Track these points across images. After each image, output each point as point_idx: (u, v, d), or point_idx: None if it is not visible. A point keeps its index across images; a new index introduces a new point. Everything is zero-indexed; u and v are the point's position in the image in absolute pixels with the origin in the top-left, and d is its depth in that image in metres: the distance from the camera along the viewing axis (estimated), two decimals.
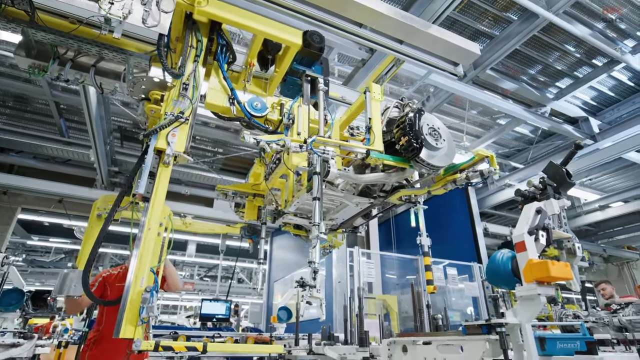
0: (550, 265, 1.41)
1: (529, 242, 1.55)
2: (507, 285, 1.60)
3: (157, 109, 2.59)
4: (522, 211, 1.72)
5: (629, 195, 9.30)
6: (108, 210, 3.08)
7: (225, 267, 18.72)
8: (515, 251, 1.60)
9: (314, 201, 2.15)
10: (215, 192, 3.43)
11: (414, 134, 2.20)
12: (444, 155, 2.29)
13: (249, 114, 2.81)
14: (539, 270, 1.44)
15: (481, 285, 7.19)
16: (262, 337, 5.39)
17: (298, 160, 2.37)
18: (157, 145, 2.39)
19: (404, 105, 2.57)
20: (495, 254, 1.66)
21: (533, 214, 1.65)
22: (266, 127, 2.89)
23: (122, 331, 2.06)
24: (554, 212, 1.68)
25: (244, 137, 2.27)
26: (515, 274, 1.55)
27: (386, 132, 2.53)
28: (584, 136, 6.68)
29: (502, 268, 1.59)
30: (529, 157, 8.34)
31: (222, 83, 2.89)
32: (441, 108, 6.83)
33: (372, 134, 2.35)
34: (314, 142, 2.23)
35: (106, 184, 7.96)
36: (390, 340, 2.13)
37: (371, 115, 2.43)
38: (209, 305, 9.08)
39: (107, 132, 6.85)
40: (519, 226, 1.63)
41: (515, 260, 1.57)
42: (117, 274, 3.50)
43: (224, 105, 2.83)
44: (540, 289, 1.45)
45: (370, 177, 2.45)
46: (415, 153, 2.20)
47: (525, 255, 1.53)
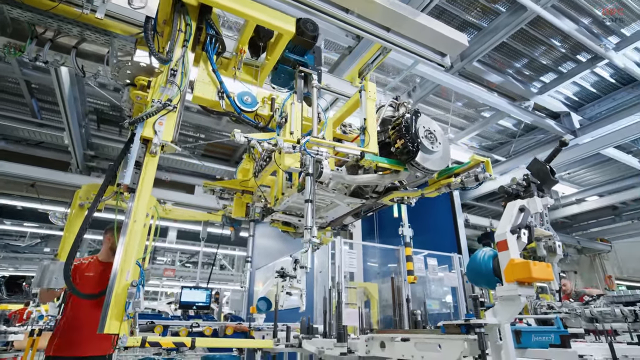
0: (532, 266, 1.39)
1: (511, 241, 1.52)
2: (487, 284, 1.57)
3: (143, 95, 2.46)
4: (505, 209, 1.69)
5: (604, 189, 9.58)
6: (91, 200, 2.95)
7: (207, 253, 18.56)
8: (496, 249, 1.57)
9: (306, 203, 2.08)
10: (202, 188, 3.34)
11: (410, 137, 2.15)
12: (439, 159, 2.26)
13: (239, 108, 2.71)
14: (520, 271, 1.41)
15: (460, 275, 7.31)
16: (241, 326, 5.35)
17: (291, 161, 2.29)
18: (143, 133, 2.30)
19: (399, 105, 2.50)
20: (477, 253, 1.63)
21: (516, 212, 1.62)
22: (256, 123, 2.80)
23: (107, 326, 2.00)
24: (537, 210, 1.66)
25: (234, 135, 2.17)
26: (496, 274, 1.52)
27: (380, 131, 2.47)
28: (565, 131, 6.78)
29: (483, 267, 1.56)
30: (511, 150, 8.44)
31: (211, 75, 2.77)
32: (427, 99, 6.80)
33: (367, 135, 2.28)
34: (307, 142, 2.15)
35: (82, 168, 7.67)
36: (369, 337, 2.10)
37: (366, 116, 2.36)
38: (189, 293, 8.98)
39: (82, 114, 6.56)
40: (502, 224, 1.60)
41: (496, 259, 1.54)
42: (87, 263, 3.38)
43: (213, 99, 2.71)
44: (521, 289, 1.42)
45: (363, 178, 2.39)
46: (411, 157, 2.16)
47: (507, 255, 1.50)
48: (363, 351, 2.07)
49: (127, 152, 2.49)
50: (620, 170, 9.12)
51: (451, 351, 1.58)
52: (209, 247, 16.90)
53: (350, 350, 2.25)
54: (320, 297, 5.71)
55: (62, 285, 2.48)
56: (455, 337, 1.56)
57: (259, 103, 2.79)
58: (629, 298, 4.96)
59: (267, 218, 3.05)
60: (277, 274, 4.67)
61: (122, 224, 2.22)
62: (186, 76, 2.55)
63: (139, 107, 2.61)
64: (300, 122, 2.46)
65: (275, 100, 2.82)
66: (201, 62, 2.79)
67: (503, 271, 1.49)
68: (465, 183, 2.23)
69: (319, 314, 5.56)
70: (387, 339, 1.95)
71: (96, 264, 3.40)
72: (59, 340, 3.11)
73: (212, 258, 19.16)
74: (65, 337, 3.12)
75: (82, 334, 3.13)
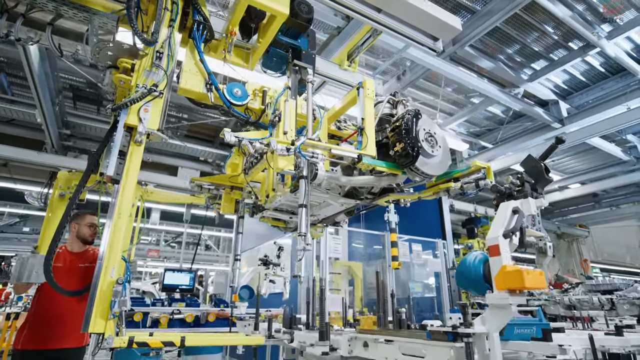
0: (525, 274, 1.31)
1: (504, 246, 1.44)
2: (477, 290, 1.50)
3: (126, 79, 2.29)
4: (498, 210, 1.60)
5: (586, 177, 9.72)
6: (72, 190, 2.86)
7: (192, 234, 18.40)
8: (487, 254, 1.49)
9: (299, 208, 1.97)
10: (190, 184, 3.19)
11: (410, 140, 2.04)
12: (439, 163, 2.16)
13: (228, 102, 2.54)
14: (512, 280, 1.33)
15: (444, 261, 7.39)
16: (223, 313, 5.30)
17: (284, 163, 2.16)
18: (127, 121, 2.16)
19: (397, 102, 2.37)
20: (467, 256, 1.55)
21: (509, 215, 1.53)
22: (247, 117, 2.65)
23: (92, 325, 1.89)
24: (531, 212, 1.58)
25: (224, 135, 2.03)
26: (486, 280, 1.45)
27: (377, 131, 2.35)
28: (552, 119, 6.76)
29: (473, 272, 1.49)
30: (498, 137, 8.43)
31: (199, 65, 2.58)
32: (417, 83, 6.65)
33: (365, 137, 2.16)
34: (302, 144, 2.04)
35: (57, 147, 7.32)
36: (352, 336, 2.03)
37: (364, 115, 2.23)
38: (172, 276, 8.86)
39: (55, 91, 6.19)
40: (494, 227, 1.52)
41: (487, 265, 1.46)
42: (56, 253, 3.21)
43: (200, 91, 2.54)
44: (512, 298, 1.35)
45: (359, 179, 2.28)
46: (411, 161, 2.06)
47: (498, 261, 1.42)
48: (346, 351, 2.00)
49: (110, 140, 2.35)
50: (603, 158, 9.24)
51: (436, 358, 1.52)
52: (194, 229, 16.76)
53: (333, 347, 2.19)
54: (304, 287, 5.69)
55: (42, 279, 2.35)
56: (442, 344, 1.49)
57: (249, 96, 2.63)
58: (607, 287, 5.08)
59: (258, 215, 2.93)
60: (259, 262, 4.59)
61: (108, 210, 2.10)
62: (173, 59, 2.38)
63: (122, 91, 2.44)
64: (294, 120, 2.31)
65: (267, 92, 2.68)
66: (187, 50, 2.60)
67: (494, 278, 1.41)
68: (466, 189, 2.15)
69: (303, 300, 5.55)
70: (370, 340, 1.89)
71: (65, 254, 3.23)
72: (29, 332, 2.96)
73: (197, 238, 19.01)
74: (36, 329, 2.97)
75: (55, 326, 2.99)
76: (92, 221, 3.30)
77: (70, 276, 3.10)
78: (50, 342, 2.97)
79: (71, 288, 3.06)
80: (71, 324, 3.03)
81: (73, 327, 3.04)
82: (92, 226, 3.29)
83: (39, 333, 2.96)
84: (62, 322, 3.01)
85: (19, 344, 2.93)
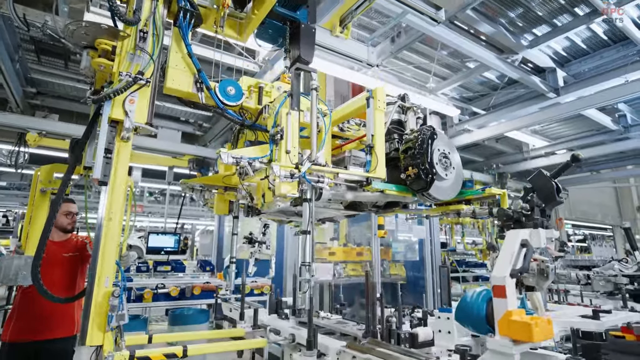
0: (534, 327, 1.20)
1: (510, 287, 1.32)
2: (477, 330, 1.41)
3: (107, 64, 2.02)
4: (505, 239, 1.47)
5: (574, 144, 9.73)
6: (54, 186, 2.70)
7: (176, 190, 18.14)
8: (492, 293, 1.38)
9: (303, 235, 1.84)
10: (181, 186, 2.97)
11: (425, 167, 1.87)
12: (451, 186, 2.01)
13: (222, 102, 2.27)
14: (518, 331, 1.23)
15: (428, 228, 7.48)
16: (208, 285, 5.30)
17: (287, 189, 1.95)
18: (112, 115, 1.93)
19: (407, 109, 2.12)
20: (468, 293, 1.43)
21: (517, 249, 1.40)
22: (242, 120, 2.39)
23: (89, 338, 1.80)
24: (540, 245, 1.45)
25: (220, 155, 1.85)
26: (489, 321, 1.35)
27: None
28: (548, 89, 6.54)
29: (475, 311, 1.38)
30: (490, 102, 8.21)
31: (187, 60, 2.26)
32: (412, 46, 6.25)
33: (374, 157, 1.96)
34: (308, 168, 1.88)
35: (22, 107, 6.77)
36: (340, 350, 1.97)
37: (374, 132, 2.01)
38: (156, 239, 8.78)
39: (14, 45, 5.56)
40: (501, 263, 1.39)
41: (491, 305, 1.35)
42: None
43: (189, 90, 2.25)
44: (517, 347, 1.26)
45: (366, 195, 2.12)
46: (424, 188, 1.91)
47: (503, 304, 1.32)
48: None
49: (92, 130, 2.17)
50: (590, 125, 9.20)
51: None
52: (178, 186, 16.46)
53: (321, 353, 2.14)
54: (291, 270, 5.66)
55: (30, 282, 2.18)
56: None
57: (244, 94, 2.36)
58: (585, 262, 5.24)
59: (254, 217, 2.75)
60: (244, 240, 4.48)
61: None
62: (159, 40, 2.08)
63: (103, 76, 2.17)
64: (297, 137, 2.06)
65: (264, 89, 2.39)
66: (173, 41, 2.24)
67: (497, 322, 1.31)
68: (478, 215, 2.01)
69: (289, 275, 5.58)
70: (359, 356, 1.82)
71: (47, 245, 3.05)
72: (16, 324, 2.85)
73: (182, 194, 18.80)
74: (23, 321, 2.85)
75: (42, 317, 2.88)
76: (69, 209, 3.09)
77: (54, 267, 2.95)
78: (39, 333, 2.87)
79: (56, 279, 2.94)
80: (59, 314, 2.93)
81: (61, 317, 2.95)
82: (69, 214, 3.10)
83: (27, 325, 2.85)
84: (49, 313, 2.90)
85: (6, 337, 2.82)
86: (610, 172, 11.96)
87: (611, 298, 4.59)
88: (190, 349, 2.13)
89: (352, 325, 2.81)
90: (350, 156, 2.21)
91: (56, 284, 2.92)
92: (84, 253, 3.13)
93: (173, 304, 4.88)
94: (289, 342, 2.45)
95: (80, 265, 3.15)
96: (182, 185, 2.86)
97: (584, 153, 9.76)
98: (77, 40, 2.10)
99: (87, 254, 3.10)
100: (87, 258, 3.09)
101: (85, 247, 3.13)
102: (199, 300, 5.11)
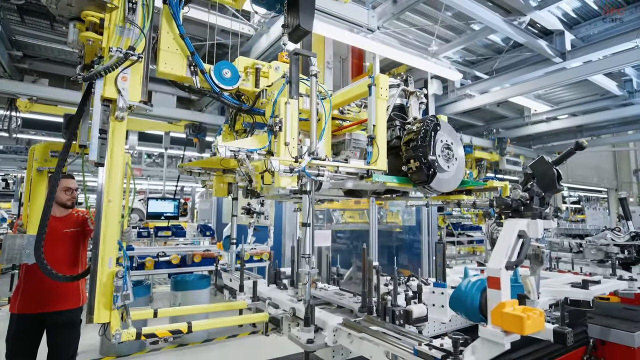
0: (526, 321, 1.23)
1: (505, 279, 1.34)
2: (470, 318, 1.44)
3: (96, 38, 1.95)
4: (502, 230, 1.47)
5: (576, 109, 9.56)
6: (50, 165, 2.70)
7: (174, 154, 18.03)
8: (486, 283, 1.40)
9: (303, 227, 1.84)
10: (178, 169, 2.92)
11: (427, 160, 1.85)
12: (452, 178, 1.99)
13: (217, 87, 2.20)
14: (510, 324, 1.27)
15: None
16: (208, 253, 5.40)
17: (287, 182, 1.92)
18: (104, 94, 1.89)
19: (410, 94, 2.02)
20: (463, 281, 1.45)
21: (514, 240, 1.40)
22: (240, 104, 2.32)
23: (96, 317, 1.90)
24: (537, 236, 1.45)
25: (218, 149, 1.82)
26: (482, 311, 1.38)
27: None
28: (555, 53, 6.31)
29: (469, 301, 1.41)
30: (494, 66, 7.96)
31: (179, 42, 2.15)
32: (415, 7, 5.94)
33: (376, 148, 1.91)
34: (308, 162, 1.85)
35: (10, 71, 6.53)
36: (337, 327, 2.05)
37: (375, 122, 1.95)
38: (156, 204, 8.87)
39: None
40: (497, 254, 1.40)
41: (485, 295, 1.38)
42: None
43: (183, 74, 2.17)
44: (507, 337, 1.29)
45: (365, 184, 2.10)
46: (426, 182, 1.89)
47: (497, 295, 1.34)
48: (331, 341, 2.03)
49: (85, 107, 2.16)
50: (595, 90, 9.00)
51: None
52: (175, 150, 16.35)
53: (318, 327, 2.22)
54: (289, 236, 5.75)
55: (34, 260, 2.23)
56: None
57: (241, 76, 2.27)
58: (578, 231, 5.33)
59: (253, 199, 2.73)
60: (242, 210, 4.51)
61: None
62: (149, 11, 1.98)
63: (92, 50, 2.09)
64: (296, 127, 1.99)
65: (261, 70, 2.30)
66: (164, 20, 2.12)
67: (490, 311, 1.34)
68: (478, 206, 1.99)
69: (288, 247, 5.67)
70: (356, 338, 1.89)
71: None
72: (23, 297, 2.94)
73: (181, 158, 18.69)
74: (30, 293, 2.94)
75: (48, 290, 2.95)
76: (68, 185, 3.07)
77: (57, 243, 2.98)
78: (45, 306, 2.96)
79: (59, 255, 2.98)
80: (63, 288, 3.00)
81: (65, 291, 3.02)
82: (68, 190, 3.08)
83: (33, 298, 2.93)
84: (53, 287, 2.97)
85: (14, 308, 2.91)
86: (610, 137, 11.87)
87: (601, 265, 4.71)
88: (194, 324, 2.21)
89: (348, 297, 2.89)
90: (350, 139, 2.17)
91: (59, 259, 2.97)
92: (85, 228, 3.16)
93: (174, 271, 5.01)
94: (289, 315, 2.53)
95: (82, 239, 3.18)
96: (180, 169, 2.83)
97: (587, 119, 9.65)
98: (62, 11, 2.01)
99: (88, 229, 3.12)
100: (89, 233, 3.12)
101: (86, 222, 3.14)
102: (199, 267, 5.25)
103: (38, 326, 2.98)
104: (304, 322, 2.18)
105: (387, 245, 8.45)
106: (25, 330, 2.91)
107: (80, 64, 2.25)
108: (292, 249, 3.48)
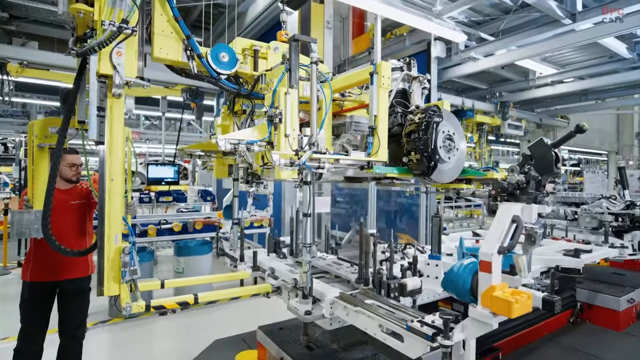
0: (514, 304, 1.28)
1: (496, 264, 1.38)
2: (461, 298, 1.50)
3: (87, 10, 1.89)
4: (497, 214, 1.49)
5: (584, 72, 9.29)
6: (50, 141, 2.73)
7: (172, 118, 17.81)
8: (478, 266, 1.44)
9: (304, 218, 1.87)
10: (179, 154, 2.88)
11: (428, 154, 1.83)
12: (452, 168, 1.97)
13: (215, 71, 2.14)
14: (499, 307, 1.32)
15: None
16: (209, 220, 5.49)
17: (287, 174, 1.91)
18: (99, 70, 1.87)
19: (413, 79, 1.95)
20: (455, 264, 1.50)
21: (508, 225, 1.43)
22: (238, 89, 2.27)
23: (107, 289, 1.99)
24: (531, 221, 1.47)
25: (217, 142, 1.80)
26: (473, 293, 1.44)
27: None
28: (564, 14, 6.03)
29: (460, 282, 1.46)
30: (500, 27, 7.64)
31: (174, 25, 2.06)
32: None
33: (376, 138, 1.87)
34: (309, 155, 1.83)
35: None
36: (333, 300, 2.13)
37: (377, 112, 1.90)
38: (156, 170, 8.88)
39: None
40: (490, 239, 1.43)
41: (476, 278, 1.42)
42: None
43: (179, 59, 2.11)
44: (495, 319, 1.36)
45: (366, 173, 2.08)
46: (426, 174, 1.89)
47: (488, 278, 1.38)
48: (328, 313, 2.12)
49: (81, 82, 2.14)
50: (603, 52, 8.70)
51: (413, 348, 1.61)
52: (173, 113, 16.13)
53: (316, 299, 2.32)
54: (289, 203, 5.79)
55: (42, 235, 2.29)
56: (419, 340, 1.56)
57: (239, 59, 2.20)
58: (575, 199, 5.39)
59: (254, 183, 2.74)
60: (242, 180, 4.54)
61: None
62: None
63: (83, 22, 2.03)
64: (297, 117, 1.94)
65: (259, 51, 2.23)
66: (156, 2, 2.01)
67: (480, 294, 1.40)
68: (478, 195, 1.99)
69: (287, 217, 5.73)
70: (351, 311, 1.98)
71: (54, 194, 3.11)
72: (34, 266, 3.04)
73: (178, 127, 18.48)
74: (41, 262, 3.03)
75: (58, 259, 3.03)
76: (73, 161, 3.08)
77: (63, 215, 3.03)
78: (56, 275, 3.06)
79: (67, 226, 3.05)
80: (71, 258, 3.07)
81: (75, 261, 3.11)
82: (73, 166, 3.08)
83: (43, 268, 3.02)
84: (62, 258, 3.04)
85: (27, 276, 3.01)
86: (615, 101, 11.65)
87: (594, 233, 4.81)
88: (200, 296, 2.32)
89: (345, 267, 2.97)
90: (351, 122, 2.13)
91: (67, 231, 3.04)
92: (90, 200, 3.20)
93: (177, 238, 5.13)
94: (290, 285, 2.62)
95: (88, 210, 3.24)
96: (181, 153, 2.83)
97: (594, 82, 9.41)
98: None
99: (93, 201, 3.17)
100: (94, 205, 3.17)
101: (91, 194, 3.18)
102: (201, 234, 5.36)
103: (50, 293, 3.10)
104: (302, 295, 2.26)
105: (386, 210, 8.57)
106: (38, 297, 3.03)
107: (73, 37, 2.18)
108: (291, 220, 3.54)
